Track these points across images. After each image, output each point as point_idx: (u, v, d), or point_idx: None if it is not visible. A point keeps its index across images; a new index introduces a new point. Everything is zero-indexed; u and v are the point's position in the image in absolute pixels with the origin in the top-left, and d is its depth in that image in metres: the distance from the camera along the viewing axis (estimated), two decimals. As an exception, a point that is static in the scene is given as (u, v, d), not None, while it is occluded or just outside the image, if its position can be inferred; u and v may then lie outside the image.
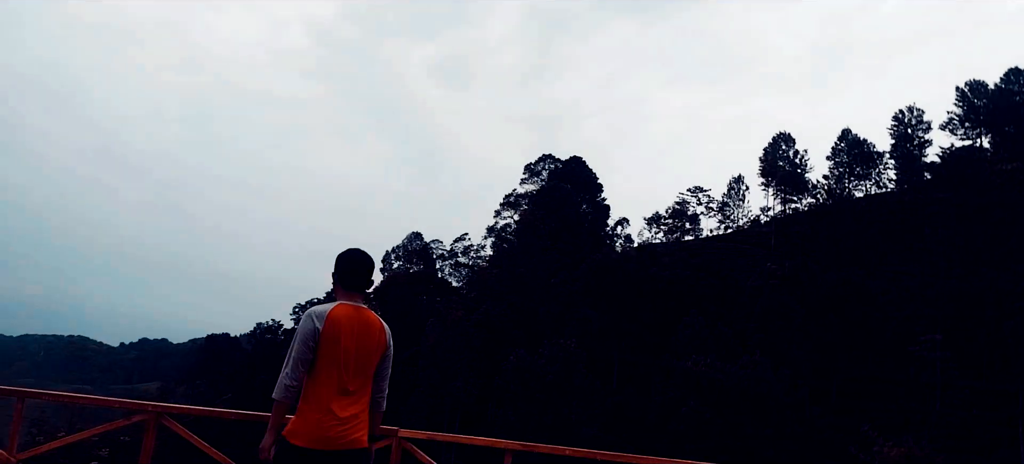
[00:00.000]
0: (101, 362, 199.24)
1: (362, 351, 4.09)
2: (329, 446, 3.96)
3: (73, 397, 6.72)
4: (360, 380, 4.11)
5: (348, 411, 4.03)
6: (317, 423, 3.97)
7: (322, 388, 4.01)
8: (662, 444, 53.14)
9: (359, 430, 4.09)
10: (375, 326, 4.17)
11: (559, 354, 53.91)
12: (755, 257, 77.54)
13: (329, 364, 4.01)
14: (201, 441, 5.70)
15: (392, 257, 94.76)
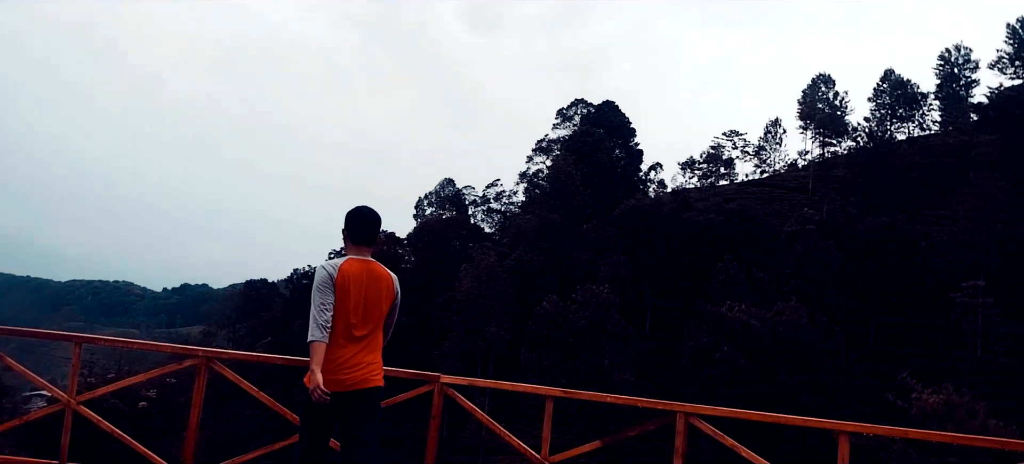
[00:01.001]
0: (145, 307, 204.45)
1: (371, 300, 4.42)
2: (342, 387, 4.31)
3: (127, 342, 6.84)
4: (369, 327, 4.43)
5: (358, 356, 4.37)
6: (329, 365, 4.30)
7: (335, 333, 4.34)
8: (694, 389, 53.23)
9: (369, 370, 4.40)
10: (383, 277, 4.50)
11: (592, 300, 53.87)
12: (792, 202, 76.47)
13: (339, 313, 4.35)
14: (247, 383, 6.07)
15: (424, 203, 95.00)
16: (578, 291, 55.57)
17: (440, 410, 5.90)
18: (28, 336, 6.73)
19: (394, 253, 75.82)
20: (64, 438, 5.84)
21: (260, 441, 37.35)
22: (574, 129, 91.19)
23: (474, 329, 59.67)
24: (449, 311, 63.44)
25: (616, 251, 65.43)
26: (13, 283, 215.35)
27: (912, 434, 5.52)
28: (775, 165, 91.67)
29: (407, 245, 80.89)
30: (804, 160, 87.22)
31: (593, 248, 68.07)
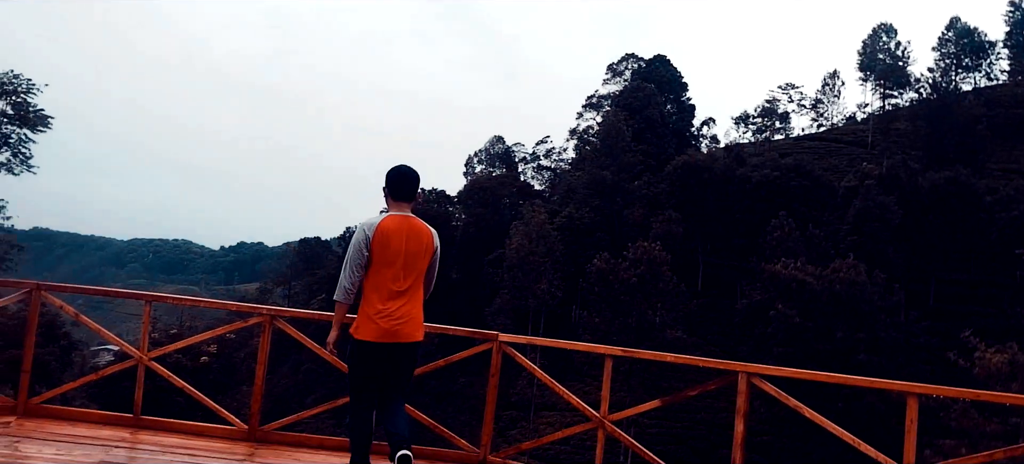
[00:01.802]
0: (203, 264, 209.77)
1: (410, 254, 4.58)
2: (386, 338, 4.53)
3: (195, 301, 7.05)
4: (410, 280, 4.60)
5: (401, 308, 4.56)
6: (374, 319, 4.52)
7: (377, 288, 4.55)
8: (747, 347, 52.77)
9: (412, 325, 4.62)
10: (423, 232, 4.66)
11: (643, 257, 53.49)
12: (850, 156, 74.62)
13: (381, 267, 4.55)
14: (307, 339, 6.15)
15: (474, 161, 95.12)
16: (629, 248, 55.22)
17: (498, 368, 5.92)
18: (101, 294, 6.96)
19: (444, 211, 76.29)
20: (137, 393, 6.02)
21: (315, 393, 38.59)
22: (625, 84, 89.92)
23: (524, 286, 59.87)
24: (499, 268, 63.72)
25: (668, 208, 64.77)
26: (78, 242, 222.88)
27: (983, 396, 5.36)
28: (833, 119, 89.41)
29: (457, 203, 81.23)
30: (863, 113, 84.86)
31: (644, 205, 67.47)
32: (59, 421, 5.84)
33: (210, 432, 5.87)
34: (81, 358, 59.11)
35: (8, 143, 40.13)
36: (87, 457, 4.92)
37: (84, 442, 5.28)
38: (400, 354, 4.63)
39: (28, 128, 40.68)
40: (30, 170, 40.75)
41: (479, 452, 5.77)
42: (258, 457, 5.38)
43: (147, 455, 5.15)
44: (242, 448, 5.59)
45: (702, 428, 49.11)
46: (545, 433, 48.09)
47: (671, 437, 45.76)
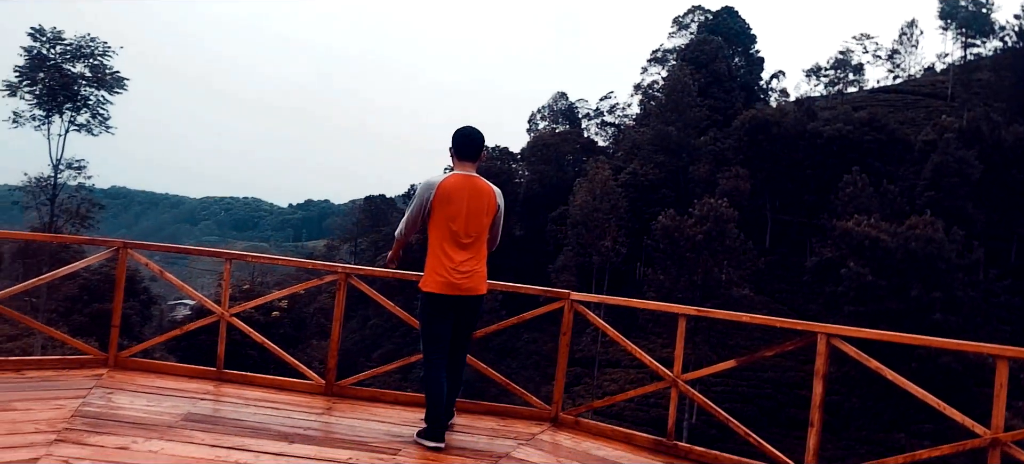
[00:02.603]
0: (272, 222, 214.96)
1: (472, 211, 4.79)
2: (452, 291, 4.79)
3: (273, 259, 7.23)
4: (473, 236, 4.82)
5: (465, 263, 4.80)
6: (441, 273, 4.78)
7: (441, 243, 4.79)
8: (817, 306, 51.74)
9: (475, 279, 4.86)
10: (485, 190, 4.86)
11: (709, 214, 52.66)
12: (928, 109, 71.76)
13: (444, 222, 4.78)
14: (379, 295, 6.26)
15: (537, 117, 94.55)
16: (695, 205, 54.42)
17: (569, 326, 5.90)
18: (183, 253, 7.17)
19: (508, 168, 76.27)
20: (220, 347, 6.21)
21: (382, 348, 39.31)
22: (691, 37, 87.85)
23: (588, 243, 59.69)
24: (563, 225, 63.62)
25: (735, 164, 63.51)
26: (154, 200, 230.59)
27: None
28: (910, 70, 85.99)
29: (521, 160, 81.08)
30: (943, 63, 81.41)
31: (711, 161, 66.29)
32: (147, 373, 6.07)
33: (289, 386, 6.02)
34: (159, 312, 61.51)
35: (87, 105, 41.57)
36: (175, 408, 5.10)
37: (171, 394, 5.48)
38: (464, 307, 4.91)
39: (105, 90, 42.04)
40: (108, 131, 42.20)
41: (550, 409, 5.79)
42: (336, 411, 5.50)
43: (231, 407, 5.31)
44: (320, 402, 5.72)
45: (768, 387, 48.56)
46: (608, 389, 48.25)
47: (737, 395, 45.35)
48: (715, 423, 40.52)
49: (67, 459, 3.95)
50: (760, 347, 48.74)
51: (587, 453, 5.00)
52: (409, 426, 5.19)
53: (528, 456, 4.80)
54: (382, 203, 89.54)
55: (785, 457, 4.87)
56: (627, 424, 28.11)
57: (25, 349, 36.16)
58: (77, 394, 5.21)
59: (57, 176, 40.69)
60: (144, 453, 4.17)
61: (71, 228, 40.80)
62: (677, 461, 5.02)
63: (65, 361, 6.11)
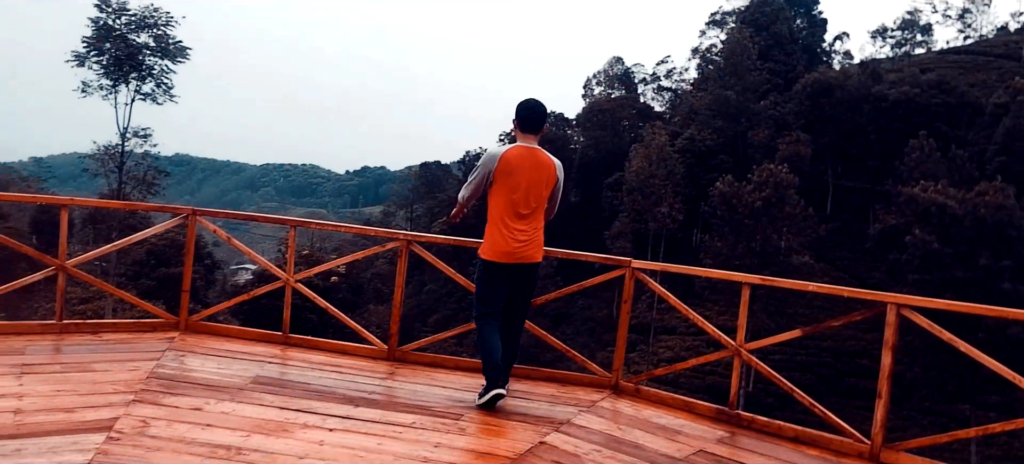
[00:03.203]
0: (330, 188, 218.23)
1: (533, 183, 4.93)
2: (510, 259, 4.97)
3: (336, 226, 7.37)
4: (533, 206, 4.97)
5: (524, 232, 4.96)
6: (499, 241, 4.95)
7: (501, 212, 4.95)
8: (880, 274, 50.56)
9: (533, 247, 5.03)
10: (546, 162, 4.99)
11: (769, 180, 51.64)
12: (1001, 71, 68.76)
13: (505, 192, 4.92)
14: (440, 262, 6.40)
15: (593, 82, 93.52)
16: (754, 171, 53.40)
17: (631, 294, 5.87)
18: (249, 219, 7.32)
19: (563, 134, 75.82)
20: (286, 312, 6.35)
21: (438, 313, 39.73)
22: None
23: (644, 210, 59.16)
24: (619, 191, 63.12)
25: (796, 129, 62.05)
26: (216, 167, 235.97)
27: None
28: (982, 30, 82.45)
29: (576, 126, 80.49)
30: (1017, 22, 77.82)
31: (771, 126, 64.82)
32: (215, 337, 6.25)
33: (352, 351, 6.14)
34: (222, 276, 63.20)
35: (151, 74, 42.59)
36: (245, 371, 5.25)
37: (240, 357, 5.63)
38: (521, 274, 5.08)
39: (168, 59, 42.99)
40: (172, 99, 43.21)
41: (611, 377, 5.78)
42: (398, 376, 5.59)
43: (297, 371, 5.43)
44: (383, 367, 5.81)
45: (828, 356, 47.76)
46: (664, 357, 48.05)
47: (794, 364, 44.71)
48: (772, 392, 40.10)
49: (145, 418, 4.10)
50: (821, 316, 47.94)
51: (648, 421, 4.99)
52: (470, 392, 5.25)
53: (589, 423, 4.81)
54: (437, 169, 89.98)
55: (850, 427, 4.79)
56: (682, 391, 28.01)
57: (97, 311, 37.57)
58: (151, 356, 5.40)
59: (124, 144, 41.90)
60: (217, 414, 4.30)
61: (138, 195, 42.07)
62: (739, 431, 4.98)
63: (139, 325, 6.33)
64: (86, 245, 39.41)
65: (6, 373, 4.73)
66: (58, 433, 3.78)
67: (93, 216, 43.03)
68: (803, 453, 4.61)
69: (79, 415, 4.08)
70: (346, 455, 3.85)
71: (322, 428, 4.23)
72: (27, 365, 4.94)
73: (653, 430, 4.78)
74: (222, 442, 3.86)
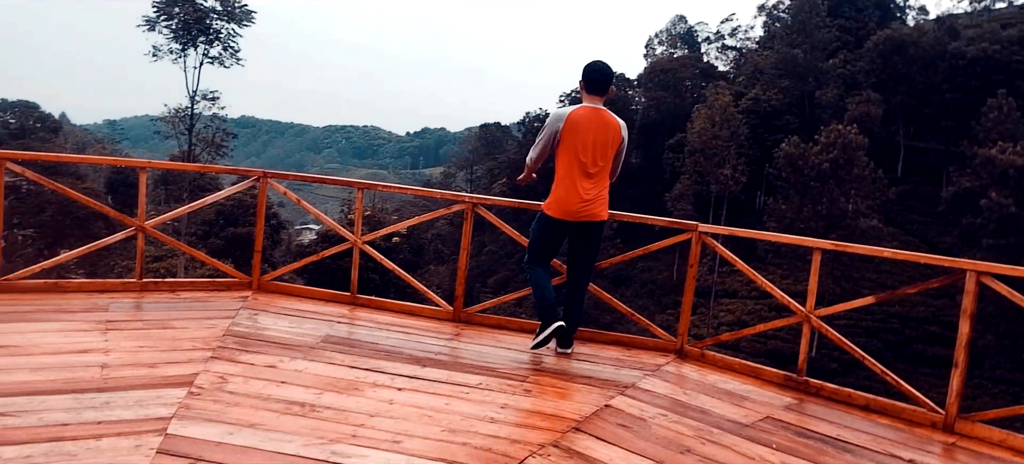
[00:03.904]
0: (390, 150, 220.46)
1: (599, 143, 5.06)
2: (574, 217, 5.13)
3: (403, 188, 7.46)
4: (598, 166, 5.10)
5: (589, 191, 5.11)
6: (564, 199, 5.11)
7: (567, 171, 5.08)
8: (952, 238, 48.96)
9: (597, 205, 5.16)
10: (611, 123, 5.12)
11: (837, 141, 50.20)
12: (1090, 24, 65.20)
13: (571, 152, 5.05)
14: (504, 224, 6.39)
15: (655, 42, 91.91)
16: (821, 132, 51.95)
17: (697, 258, 5.81)
18: (318, 182, 7.45)
19: (624, 95, 74.87)
20: (353, 273, 6.48)
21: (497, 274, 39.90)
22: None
23: (706, 172, 58.26)
24: (681, 153, 62.22)
25: (866, 88, 60.04)
26: (280, 128, 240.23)
27: None
28: (1069, -19, 77.98)
29: (637, 87, 79.37)
30: (1109, -27, 73.30)
31: (839, 85, 62.84)
32: (286, 297, 6.41)
33: (418, 312, 6.23)
34: (287, 236, 64.64)
35: (218, 37, 43.46)
36: (315, 330, 5.38)
37: (310, 317, 5.77)
38: (583, 231, 5.22)
39: (235, 23, 43.78)
40: (238, 62, 44.08)
41: (676, 341, 5.76)
42: (464, 337, 5.66)
43: (365, 331, 5.55)
44: (448, 328, 5.89)
45: (895, 321, 46.56)
46: (724, 320, 47.54)
47: (860, 329, 43.73)
48: (836, 357, 39.41)
49: (223, 374, 4.25)
50: (889, 280, 46.75)
51: (714, 386, 4.96)
52: (534, 354, 5.30)
53: (654, 387, 4.81)
54: (497, 130, 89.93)
55: (922, 396, 4.68)
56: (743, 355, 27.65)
57: (169, 269, 38.88)
58: (226, 314, 5.58)
59: (193, 106, 42.99)
60: (290, 371, 4.43)
61: (206, 156, 43.20)
62: (808, 397, 4.92)
63: (214, 284, 6.53)
64: (157, 205, 40.74)
65: (92, 329, 4.95)
66: (142, 387, 3.94)
67: (164, 177, 44.36)
68: (874, 422, 4.53)
69: (161, 370, 4.25)
70: (415, 414, 3.93)
71: (391, 387, 4.32)
72: (111, 321, 5.16)
73: (719, 395, 4.75)
74: (296, 399, 3.98)
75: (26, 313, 5.18)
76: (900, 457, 3.96)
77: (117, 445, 3.21)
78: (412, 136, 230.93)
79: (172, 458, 3.14)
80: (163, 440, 3.30)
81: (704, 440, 3.92)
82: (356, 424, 3.70)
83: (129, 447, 3.20)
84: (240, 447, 3.31)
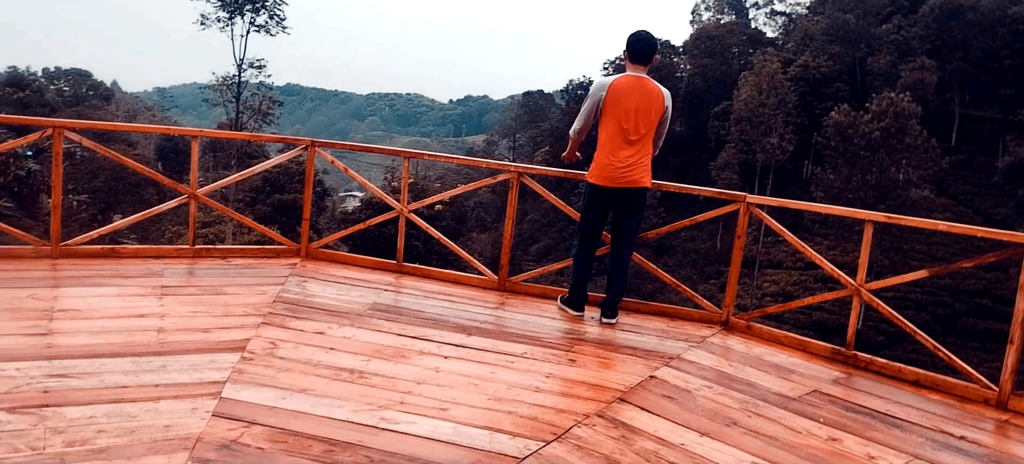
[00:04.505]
0: (433, 117, 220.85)
1: (641, 111, 5.09)
2: (615, 183, 5.18)
3: (448, 158, 7.48)
4: (640, 134, 5.14)
5: (630, 158, 5.15)
6: (605, 165, 5.18)
7: (609, 138, 5.15)
8: (1007, 210, 47.70)
9: (639, 172, 5.20)
10: (654, 91, 5.15)
11: (888, 109, 48.98)
12: None
13: (614, 119, 5.11)
14: (549, 193, 6.43)
15: (701, 8, 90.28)
16: (872, 100, 50.71)
17: (744, 230, 5.74)
18: (364, 151, 7.51)
19: (669, 62, 73.82)
20: (400, 242, 6.54)
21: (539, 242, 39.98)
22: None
23: (753, 140, 57.35)
24: (726, 121, 61.31)
25: (920, 54, 58.35)
26: (324, 96, 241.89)
27: None
28: None
29: (682, 53, 78.17)
30: None
31: (892, 51, 61.15)
32: (334, 264, 6.51)
33: (463, 281, 6.28)
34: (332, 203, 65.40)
35: (264, 6, 43.81)
36: (362, 298, 5.46)
37: (357, 284, 5.86)
38: (626, 198, 5.27)
39: (280, -9, 44.06)
40: (284, 31, 44.45)
41: (722, 312, 5.72)
42: (509, 306, 5.70)
43: (411, 299, 5.61)
44: (493, 297, 5.93)
45: (946, 294, 45.58)
46: (768, 291, 47.01)
47: (909, 302, 42.91)
48: (883, 329, 38.77)
49: (274, 340, 4.35)
50: (940, 253, 45.73)
51: (760, 358, 4.92)
52: (578, 325, 5.31)
53: (699, 359, 4.79)
54: (540, 98, 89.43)
55: (975, 372, 4.59)
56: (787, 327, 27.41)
57: (218, 235, 39.66)
58: (276, 281, 5.69)
59: (240, 74, 43.52)
60: (339, 338, 4.51)
61: (253, 123, 43.77)
62: (856, 372, 4.85)
63: (264, 251, 6.66)
64: (206, 172, 41.48)
65: (148, 294, 5.09)
66: (197, 352, 4.05)
67: (213, 144, 45.10)
68: (924, 397, 4.46)
69: (215, 335, 4.36)
70: (461, 382, 3.98)
71: (437, 355, 4.38)
72: (166, 287, 5.30)
73: (765, 368, 4.72)
74: (345, 365, 4.05)
75: (85, 278, 5.34)
76: (951, 433, 3.90)
77: (174, 407, 3.31)
78: (455, 103, 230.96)
79: (227, 421, 3.23)
80: (218, 403, 3.39)
81: (750, 413, 3.91)
82: (404, 391, 3.76)
83: (185, 410, 3.30)
84: (292, 412, 3.39)
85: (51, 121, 5.85)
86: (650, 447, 3.38)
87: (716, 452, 3.39)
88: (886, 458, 3.50)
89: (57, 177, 5.92)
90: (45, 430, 2.99)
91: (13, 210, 31.50)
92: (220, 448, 2.97)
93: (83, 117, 55.33)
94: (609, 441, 3.41)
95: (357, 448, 3.08)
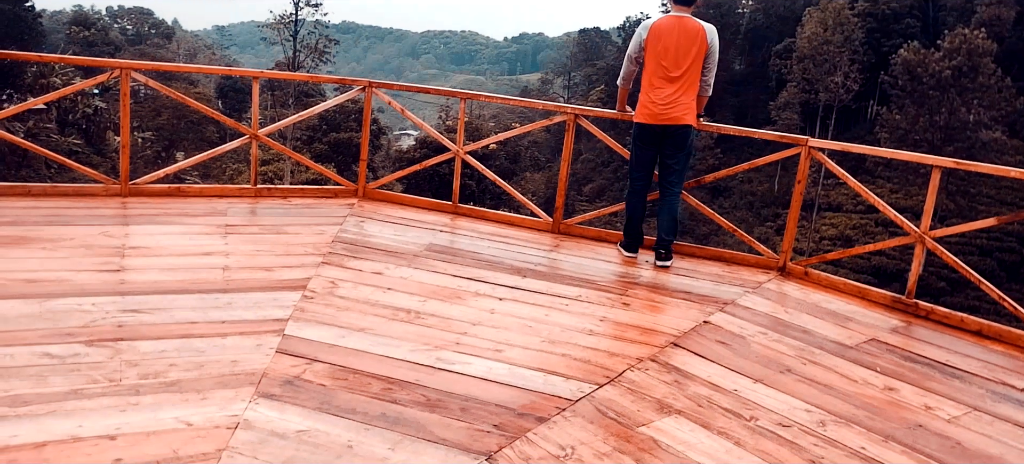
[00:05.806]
0: (488, 55, 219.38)
1: (680, 48, 5.14)
2: (656, 120, 5.25)
3: (505, 99, 7.45)
4: (681, 70, 5.16)
5: (670, 95, 5.20)
6: (646, 102, 5.28)
7: (652, 78, 5.24)
8: (1085, 152, 45.57)
9: (680, 109, 5.22)
10: (694, 29, 5.17)
11: (961, 46, 46.90)
12: None
13: (654, 58, 5.21)
14: (604, 134, 6.46)
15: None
16: (945, 37, 48.60)
17: (805, 175, 5.64)
18: (421, 92, 7.54)
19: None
20: (455, 183, 6.59)
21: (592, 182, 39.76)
22: None
23: (816, 79, 55.61)
24: (788, 59, 59.48)
25: (997, -12, 55.52)
26: (380, 34, 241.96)
27: None
28: None
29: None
30: None
31: (967, -15, 58.33)
32: (390, 204, 6.60)
33: (517, 223, 6.32)
34: (387, 142, 65.90)
35: (320, -57, 43.72)
36: (418, 239, 5.54)
37: (413, 225, 5.94)
38: (669, 135, 5.29)
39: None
40: (340, -32, 44.33)
41: (779, 258, 5.65)
42: (563, 249, 5.73)
43: (467, 240, 5.67)
44: (547, 239, 5.96)
45: (1013, 239, 44.08)
46: (826, 234, 46.09)
47: (973, 247, 41.64)
48: (944, 275, 37.78)
49: (333, 280, 4.46)
50: (1009, 197, 44.08)
51: (817, 305, 4.87)
52: (632, 268, 5.32)
53: (755, 305, 4.77)
54: (596, 36, 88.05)
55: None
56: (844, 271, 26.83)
57: (276, 173, 40.42)
58: (334, 221, 5.80)
59: (297, 13, 43.74)
60: (396, 278, 4.60)
61: (310, 62, 44.11)
62: (916, 320, 4.77)
63: (322, 191, 6.78)
64: (264, 110, 42.13)
65: (214, 232, 5.24)
66: (260, 290, 4.18)
67: (270, 83, 45.69)
68: (986, 348, 4.37)
69: (277, 274, 4.49)
70: (516, 324, 4.03)
71: (492, 297, 4.44)
72: (230, 226, 5.45)
73: (822, 315, 4.68)
74: (402, 305, 4.14)
75: (153, 216, 5.53)
76: (1014, 386, 3.83)
77: (240, 343, 3.44)
78: (510, 41, 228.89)
79: (290, 358, 3.34)
80: (281, 340, 3.52)
81: (805, 360, 3.89)
82: (459, 332, 3.84)
83: (251, 346, 3.42)
84: (352, 350, 3.49)
85: (118, 62, 6.00)
86: (703, 392, 3.40)
87: (769, 399, 3.39)
88: (943, 408, 3.47)
89: (125, 117, 6.09)
90: (121, 363, 3.14)
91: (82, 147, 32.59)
92: (284, 384, 3.09)
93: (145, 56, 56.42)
94: (662, 385, 3.44)
95: (414, 387, 3.17)
